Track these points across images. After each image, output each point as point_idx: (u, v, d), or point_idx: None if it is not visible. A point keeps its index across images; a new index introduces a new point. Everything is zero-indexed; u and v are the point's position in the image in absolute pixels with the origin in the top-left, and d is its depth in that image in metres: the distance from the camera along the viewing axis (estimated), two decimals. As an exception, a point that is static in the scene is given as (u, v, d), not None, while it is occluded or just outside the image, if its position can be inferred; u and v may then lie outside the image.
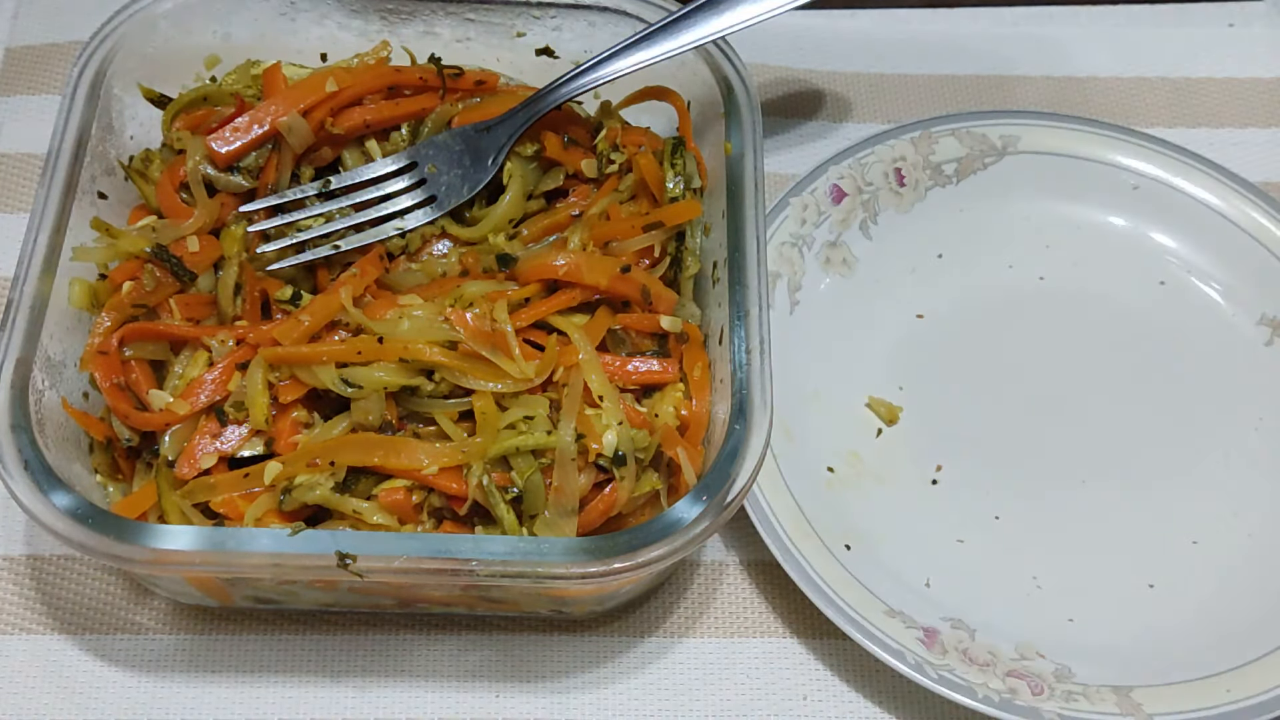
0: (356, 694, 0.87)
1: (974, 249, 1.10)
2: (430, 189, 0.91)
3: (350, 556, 0.72)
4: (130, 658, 0.88)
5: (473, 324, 0.82)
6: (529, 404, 0.81)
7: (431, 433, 0.82)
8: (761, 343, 0.80)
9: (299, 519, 0.79)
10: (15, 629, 0.88)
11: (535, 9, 0.95)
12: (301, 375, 0.81)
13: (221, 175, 0.90)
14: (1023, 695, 0.85)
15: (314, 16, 0.96)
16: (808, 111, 1.19)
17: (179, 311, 0.85)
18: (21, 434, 0.75)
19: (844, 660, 0.90)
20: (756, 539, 0.90)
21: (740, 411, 0.78)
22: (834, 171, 1.07)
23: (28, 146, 1.10)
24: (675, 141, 0.93)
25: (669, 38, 0.90)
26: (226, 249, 0.88)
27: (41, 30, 1.17)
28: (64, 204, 0.83)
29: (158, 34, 0.92)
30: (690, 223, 0.91)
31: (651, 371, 0.85)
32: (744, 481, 0.76)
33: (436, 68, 0.94)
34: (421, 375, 0.81)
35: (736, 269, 0.83)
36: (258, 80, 0.94)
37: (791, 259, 1.04)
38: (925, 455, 0.99)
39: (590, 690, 0.88)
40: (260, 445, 0.81)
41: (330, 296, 0.84)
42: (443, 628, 0.90)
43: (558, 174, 0.94)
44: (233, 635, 0.89)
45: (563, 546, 0.73)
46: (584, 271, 0.85)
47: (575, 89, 0.91)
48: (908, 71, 1.21)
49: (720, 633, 0.91)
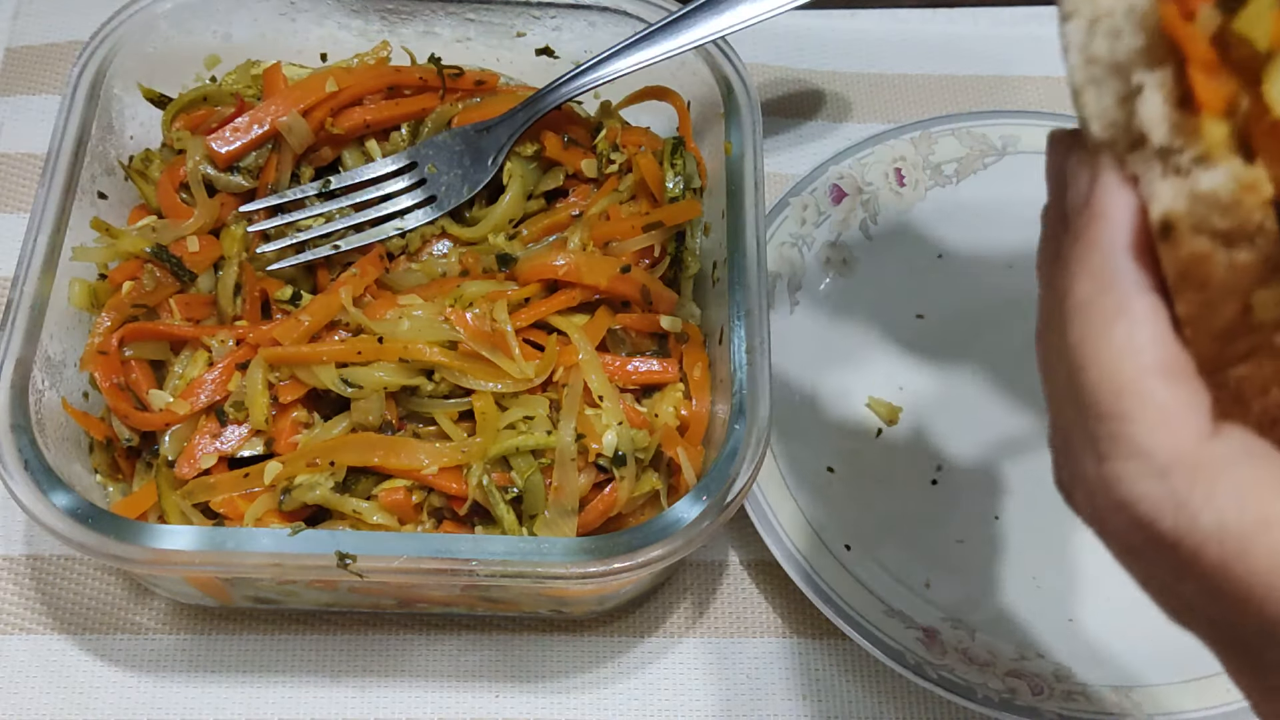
0: (356, 694, 0.87)
1: (974, 249, 1.09)
2: (430, 189, 0.91)
3: (350, 556, 0.72)
4: (130, 658, 0.88)
5: (473, 324, 0.82)
6: (529, 404, 0.81)
7: (431, 433, 0.82)
8: (761, 343, 0.80)
9: (299, 519, 0.79)
10: (15, 629, 0.88)
11: (535, 9, 0.95)
12: (301, 375, 0.81)
13: (221, 175, 0.90)
14: (1023, 695, 0.85)
15: (314, 16, 0.96)
16: (808, 111, 1.18)
17: (179, 311, 0.85)
18: (21, 434, 0.75)
19: (844, 660, 0.90)
20: (756, 539, 0.90)
21: (740, 411, 0.78)
22: (834, 171, 1.07)
23: (28, 146, 1.10)
24: (675, 141, 0.93)
25: (669, 38, 0.90)
26: (226, 249, 0.88)
27: (41, 30, 1.17)
28: (64, 204, 0.83)
29: (158, 34, 0.92)
30: (690, 223, 0.91)
31: (651, 371, 0.85)
32: (744, 481, 0.76)
33: (436, 68, 0.94)
34: (421, 375, 0.81)
35: (736, 269, 0.83)
36: (258, 80, 0.94)
37: (791, 259, 1.04)
38: (925, 455, 0.99)
39: (590, 690, 0.88)
40: (260, 445, 0.82)
41: (330, 296, 0.84)
42: (443, 628, 0.90)
43: (558, 174, 0.94)
44: (233, 635, 0.89)
45: (563, 546, 0.73)
46: (584, 271, 0.85)
47: (575, 89, 0.91)
48: (907, 71, 1.21)
49: (720, 633, 0.91)
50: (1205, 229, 0.40)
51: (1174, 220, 0.41)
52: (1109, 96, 0.44)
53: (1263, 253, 0.41)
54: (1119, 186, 0.44)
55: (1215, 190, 0.39)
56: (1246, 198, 0.39)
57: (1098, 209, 0.45)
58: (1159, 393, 0.43)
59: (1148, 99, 0.42)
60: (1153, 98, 0.42)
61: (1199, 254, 0.41)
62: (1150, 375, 0.43)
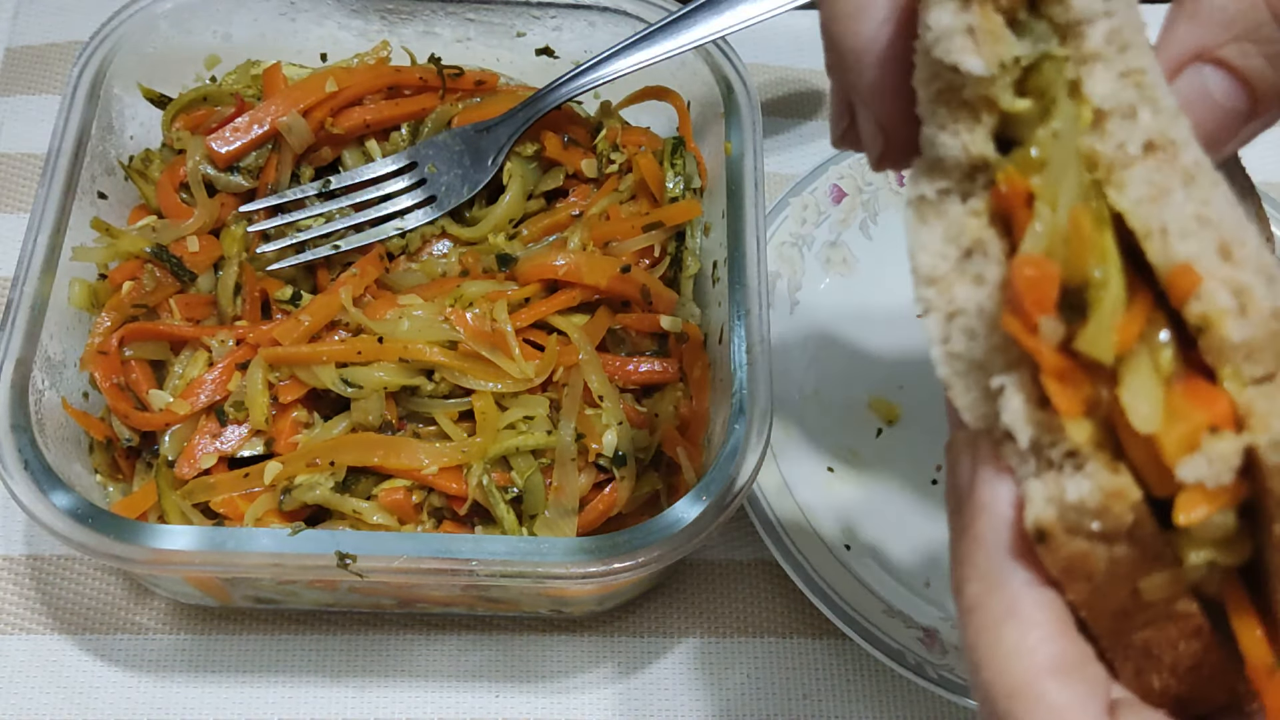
0: (356, 694, 0.87)
1: (974, 249, 1.09)
2: (430, 189, 0.91)
3: (350, 556, 0.72)
4: (130, 658, 0.88)
5: (473, 324, 0.82)
6: (529, 404, 0.81)
7: (431, 433, 0.82)
8: (761, 343, 0.80)
9: (299, 519, 0.79)
10: (15, 629, 0.88)
11: (535, 9, 0.95)
12: (301, 375, 0.81)
13: (221, 175, 0.90)
14: (1023, 695, 0.84)
15: (314, 16, 0.96)
16: (808, 111, 1.18)
17: (179, 311, 0.85)
18: (21, 434, 0.75)
19: (844, 660, 0.90)
20: (756, 539, 0.90)
21: (740, 411, 0.78)
22: (834, 171, 1.07)
23: (28, 146, 1.10)
24: (675, 141, 0.93)
25: (669, 38, 0.90)
26: (226, 249, 0.88)
27: (41, 30, 1.17)
28: (64, 204, 0.83)
29: (158, 34, 0.92)
30: (690, 223, 0.91)
31: (651, 371, 0.85)
32: (744, 481, 0.76)
33: (436, 68, 0.94)
34: (421, 375, 0.81)
35: (736, 269, 0.83)
36: (258, 80, 0.94)
37: (791, 259, 1.04)
38: (925, 455, 0.98)
39: (590, 690, 0.88)
40: (260, 445, 0.82)
41: (330, 296, 0.84)
42: (443, 628, 0.90)
43: (558, 174, 0.94)
44: (233, 635, 0.89)
45: (563, 546, 0.73)
46: (584, 271, 0.85)
47: (575, 89, 0.91)
48: (908, 71, 1.21)
49: (720, 633, 0.91)
50: (1080, 532, 0.40)
51: (1047, 528, 0.40)
52: (975, 391, 0.44)
53: (1141, 546, 0.40)
54: (997, 478, 0.44)
55: (1083, 500, 0.39)
56: (1114, 504, 0.39)
57: (979, 502, 0.45)
58: (1051, 693, 0.42)
59: (1009, 401, 0.42)
60: (1014, 400, 0.42)
61: (1078, 553, 0.40)
62: (1043, 676, 0.42)
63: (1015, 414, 0.42)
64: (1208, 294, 0.38)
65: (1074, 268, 0.40)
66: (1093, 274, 0.40)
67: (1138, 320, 0.39)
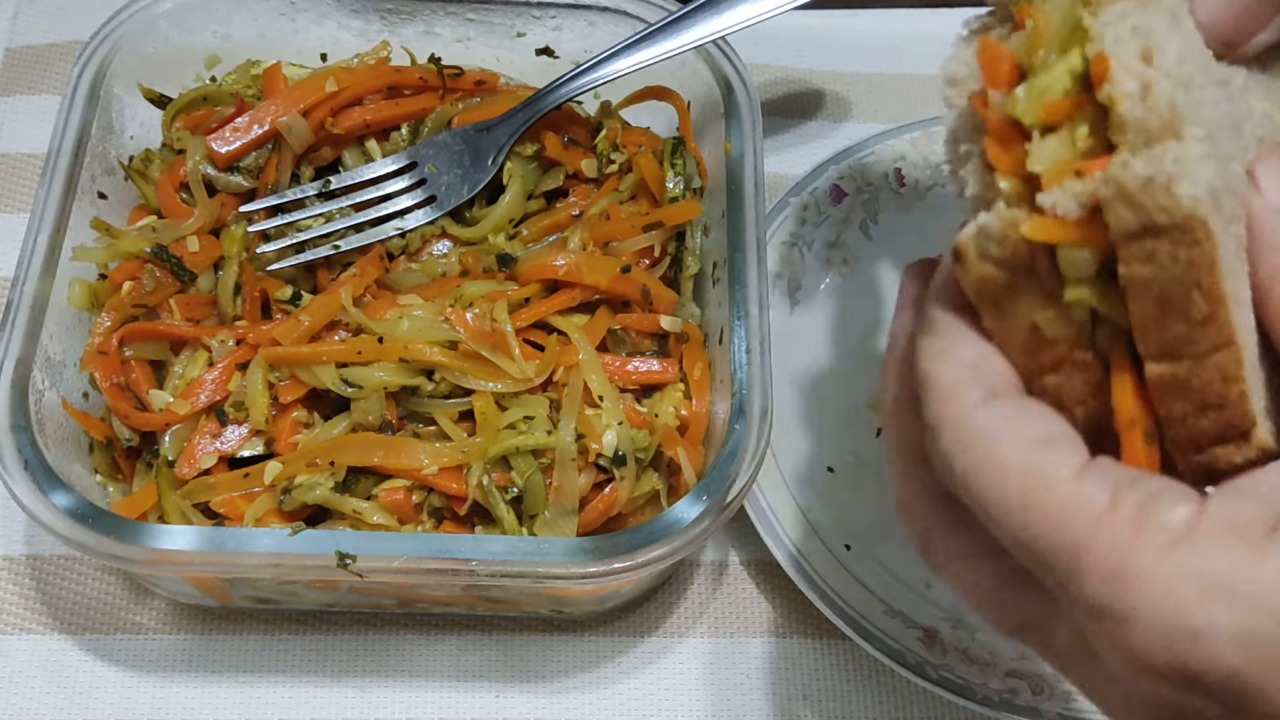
0: (356, 694, 0.87)
1: (974, 249, 1.09)
2: (430, 189, 0.91)
3: (350, 556, 0.72)
4: (130, 658, 0.88)
5: (473, 324, 0.82)
6: (529, 404, 0.81)
7: (431, 433, 0.82)
8: (761, 343, 0.80)
9: (299, 519, 0.79)
10: (15, 629, 0.88)
11: (535, 9, 0.95)
12: (301, 375, 0.81)
13: (221, 175, 0.90)
14: (1023, 695, 0.85)
15: (314, 16, 0.96)
16: (808, 111, 1.19)
17: (179, 311, 0.85)
18: (21, 434, 0.75)
19: (844, 660, 0.90)
20: (756, 539, 0.90)
21: (740, 411, 0.78)
22: (834, 171, 1.07)
23: (28, 146, 1.10)
24: (675, 141, 0.93)
25: (669, 38, 0.90)
26: (226, 249, 0.88)
27: (41, 30, 1.17)
28: (64, 204, 0.83)
29: (158, 34, 0.92)
30: (690, 223, 0.91)
31: (651, 371, 0.85)
32: (744, 481, 0.76)
33: (436, 68, 0.94)
34: (421, 375, 0.81)
35: (736, 269, 0.83)
36: (258, 80, 0.94)
37: (791, 259, 1.04)
38: (925, 455, 0.98)
39: (590, 690, 0.88)
40: (260, 445, 0.82)
41: (330, 296, 0.84)
42: (443, 628, 0.90)
43: (558, 174, 0.94)
44: (233, 635, 0.89)
45: (563, 546, 0.73)
46: (584, 271, 0.85)
47: (575, 89, 0.91)
48: (908, 71, 1.21)
49: (720, 633, 0.91)
50: (987, 256, 0.49)
51: (961, 248, 0.49)
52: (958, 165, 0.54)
53: (1037, 281, 0.49)
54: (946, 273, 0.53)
55: (988, 224, 0.48)
56: (1011, 232, 0.47)
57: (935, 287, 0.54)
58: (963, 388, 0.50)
59: (969, 163, 0.53)
60: (970, 161, 0.53)
61: (986, 275, 0.49)
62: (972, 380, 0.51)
63: (970, 172, 0.52)
64: (1115, 78, 0.46)
65: (1032, 59, 0.50)
66: (1041, 60, 0.49)
67: (1067, 104, 0.47)
